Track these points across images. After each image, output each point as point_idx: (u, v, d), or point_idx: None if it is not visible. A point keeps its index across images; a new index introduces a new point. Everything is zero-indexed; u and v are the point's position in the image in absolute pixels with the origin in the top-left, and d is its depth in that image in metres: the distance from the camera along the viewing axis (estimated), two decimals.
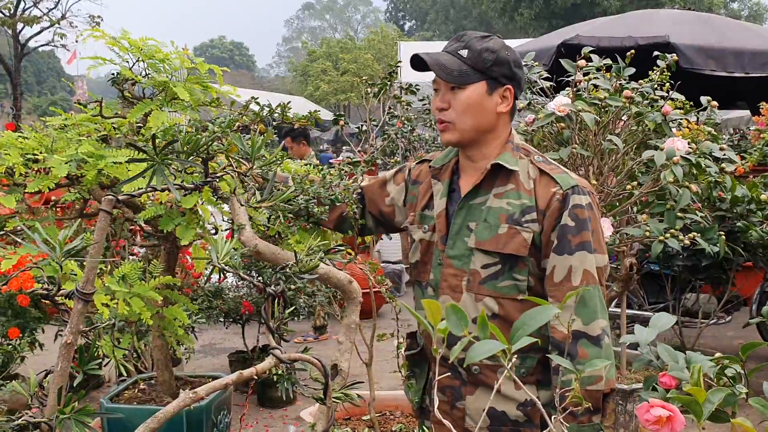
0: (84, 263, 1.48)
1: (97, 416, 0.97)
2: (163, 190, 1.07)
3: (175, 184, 1.06)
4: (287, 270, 1.39)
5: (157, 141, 1.00)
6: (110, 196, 1.02)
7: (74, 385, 0.98)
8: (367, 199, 2.14)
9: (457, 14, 49.48)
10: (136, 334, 2.09)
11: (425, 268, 1.94)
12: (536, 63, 2.76)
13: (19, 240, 1.74)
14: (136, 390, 2.64)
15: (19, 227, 1.83)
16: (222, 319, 5.16)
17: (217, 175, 1.18)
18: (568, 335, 1.65)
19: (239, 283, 5.38)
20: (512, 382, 1.72)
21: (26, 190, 2.11)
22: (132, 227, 4.19)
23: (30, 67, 53.68)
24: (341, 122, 3.63)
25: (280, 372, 1.47)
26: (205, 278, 5.20)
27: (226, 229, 2.22)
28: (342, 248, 1.51)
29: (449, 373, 1.85)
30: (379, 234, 2.28)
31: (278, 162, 1.38)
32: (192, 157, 1.05)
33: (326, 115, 20.07)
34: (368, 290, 3.84)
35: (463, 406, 1.84)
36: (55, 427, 0.89)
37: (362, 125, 3.71)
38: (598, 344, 1.67)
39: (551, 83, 2.82)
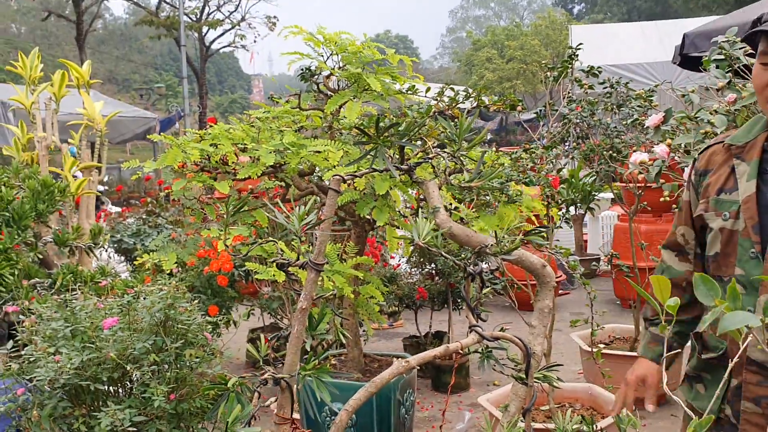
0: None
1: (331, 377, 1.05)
2: (382, 171, 1.13)
3: (394, 166, 1.12)
4: (487, 250, 1.41)
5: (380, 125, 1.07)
6: (338, 176, 1.10)
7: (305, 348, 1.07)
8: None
9: None
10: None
11: (727, 261, 1.68)
12: (738, 39, 2.58)
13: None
14: (327, 365, 2.81)
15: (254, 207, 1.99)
16: (396, 304, 5.32)
17: (430, 156, 1.23)
18: None
19: (412, 270, 5.52)
20: None
21: (237, 177, 2.30)
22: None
23: (212, 68, 57.84)
24: (519, 108, 3.59)
25: (480, 350, 1.50)
26: (382, 263, 5.38)
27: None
28: (542, 230, 1.51)
29: (766, 383, 1.61)
30: None
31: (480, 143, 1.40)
32: (405, 139, 1.11)
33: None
34: None
35: None
36: (297, 382, 0.98)
37: (541, 110, 3.66)
38: None
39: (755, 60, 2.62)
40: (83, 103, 4.54)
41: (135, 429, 1.52)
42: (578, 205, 6.34)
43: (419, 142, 1.57)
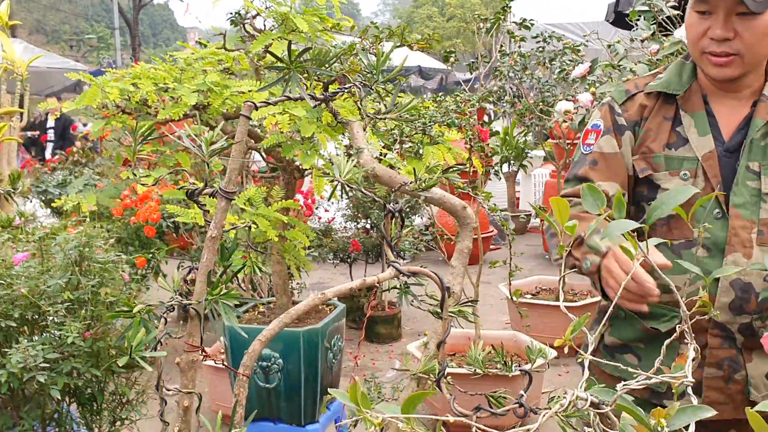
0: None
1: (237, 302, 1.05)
2: (296, 99, 1.12)
3: (309, 94, 1.10)
4: (407, 187, 1.42)
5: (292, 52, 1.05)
6: (249, 102, 1.08)
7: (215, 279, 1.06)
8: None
9: None
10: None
11: (682, 224, 1.55)
12: None
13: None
14: (256, 312, 2.80)
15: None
16: (330, 258, 5.34)
17: (347, 86, 1.21)
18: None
19: (347, 224, 5.54)
20: None
21: (157, 118, 2.24)
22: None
23: (146, 20, 55.89)
24: (452, 59, 3.59)
25: (398, 286, 1.52)
26: (316, 217, 5.38)
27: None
28: (461, 167, 1.52)
29: (726, 344, 1.55)
30: None
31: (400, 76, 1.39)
32: (323, 68, 1.09)
33: (431, 62, 19.76)
34: (476, 236, 3.85)
35: (742, 377, 1.55)
36: (204, 308, 0.98)
37: (473, 62, 3.67)
38: None
39: (678, 12, 2.69)
40: (2, 46, 4.33)
41: (48, 366, 1.50)
42: (512, 162, 6.43)
43: (339, 75, 1.55)
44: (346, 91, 1.19)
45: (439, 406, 3.38)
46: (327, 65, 1.10)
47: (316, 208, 5.29)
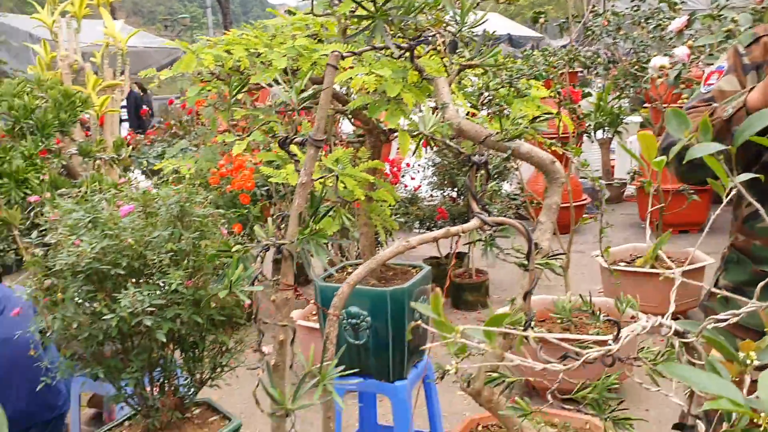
0: None
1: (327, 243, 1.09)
2: (381, 48, 1.14)
3: (394, 44, 1.12)
4: (492, 138, 1.42)
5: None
6: (336, 51, 1.11)
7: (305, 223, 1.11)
8: None
9: None
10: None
11: None
12: None
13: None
14: (345, 273, 2.87)
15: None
16: (417, 227, 5.37)
17: (430, 34, 1.23)
18: None
19: (433, 192, 5.54)
20: None
21: (251, 81, 2.32)
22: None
23: None
24: (542, 21, 3.52)
25: (484, 238, 1.53)
26: (402, 186, 5.41)
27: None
28: (549, 115, 1.51)
29: None
30: None
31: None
32: (410, 15, 1.11)
33: (521, 30, 19.32)
34: (568, 204, 3.78)
35: None
36: (296, 247, 1.03)
37: (564, 23, 3.58)
38: None
39: None
40: (104, 23, 4.56)
41: (154, 311, 1.61)
42: (606, 128, 6.27)
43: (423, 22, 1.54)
44: (428, 40, 1.20)
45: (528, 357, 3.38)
46: (412, 14, 1.12)
47: (402, 177, 5.32)
